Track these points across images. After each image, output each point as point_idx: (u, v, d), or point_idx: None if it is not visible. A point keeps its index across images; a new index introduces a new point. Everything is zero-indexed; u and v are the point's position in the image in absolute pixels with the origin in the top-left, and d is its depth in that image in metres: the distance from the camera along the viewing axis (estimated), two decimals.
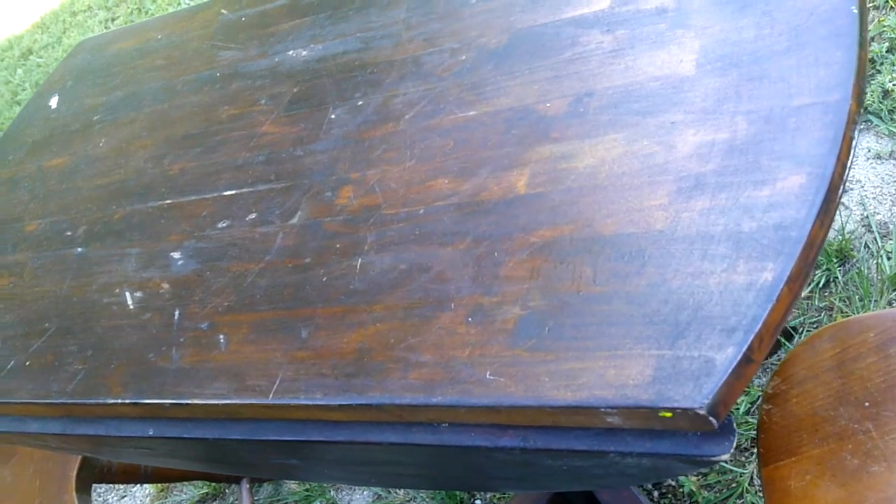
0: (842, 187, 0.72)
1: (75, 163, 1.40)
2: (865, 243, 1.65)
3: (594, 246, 0.78)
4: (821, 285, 1.64)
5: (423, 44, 1.13)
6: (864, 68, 0.79)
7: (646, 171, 0.81)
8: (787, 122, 0.76)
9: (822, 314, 1.60)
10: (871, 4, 2.11)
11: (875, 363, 0.96)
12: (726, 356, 0.65)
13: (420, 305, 0.83)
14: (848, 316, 1.54)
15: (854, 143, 0.74)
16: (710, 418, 0.64)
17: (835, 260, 1.64)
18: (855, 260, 1.63)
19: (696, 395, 0.64)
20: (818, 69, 0.79)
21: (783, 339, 1.57)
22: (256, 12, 1.45)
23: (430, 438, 0.78)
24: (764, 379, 1.58)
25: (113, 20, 4.48)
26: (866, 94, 1.90)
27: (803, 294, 1.63)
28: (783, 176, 0.73)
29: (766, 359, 1.57)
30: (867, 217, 1.68)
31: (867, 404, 0.93)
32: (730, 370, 0.64)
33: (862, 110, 0.77)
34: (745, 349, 0.65)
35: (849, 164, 0.73)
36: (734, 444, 0.67)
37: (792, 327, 1.60)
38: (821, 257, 1.65)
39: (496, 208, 0.87)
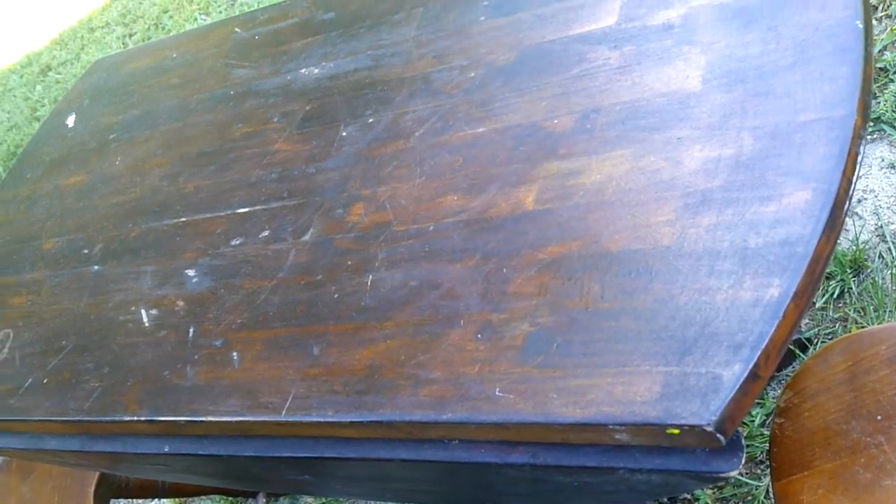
0: (848, 203, 0.72)
1: (92, 181, 1.42)
2: (880, 253, 1.65)
3: (602, 262, 0.79)
4: (835, 296, 1.63)
5: (433, 61, 1.14)
6: (870, 83, 0.79)
7: (653, 188, 0.81)
8: (792, 137, 0.77)
9: (837, 325, 1.60)
10: (884, 13, 2.11)
11: (887, 376, 0.96)
12: (733, 373, 0.65)
13: (430, 322, 0.84)
14: (863, 327, 1.53)
15: (860, 158, 0.74)
16: (718, 435, 0.64)
17: (849, 270, 1.63)
18: (869, 270, 1.63)
19: (704, 412, 0.65)
20: (823, 84, 0.79)
21: (798, 351, 1.57)
22: (270, 30, 1.46)
23: (441, 455, 0.79)
24: (780, 391, 1.57)
25: (130, 36, 4.53)
26: (880, 103, 1.89)
27: (818, 305, 1.63)
28: (789, 192, 0.73)
29: (780, 370, 1.57)
30: (881, 227, 1.67)
31: (879, 417, 0.93)
32: (737, 387, 0.65)
33: (868, 125, 0.77)
34: (751, 366, 0.65)
35: (854, 180, 0.73)
36: (743, 461, 0.67)
37: (806, 338, 1.59)
38: (835, 268, 1.65)
39: (505, 224, 0.88)
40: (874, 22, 2.06)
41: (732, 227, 0.74)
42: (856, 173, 0.73)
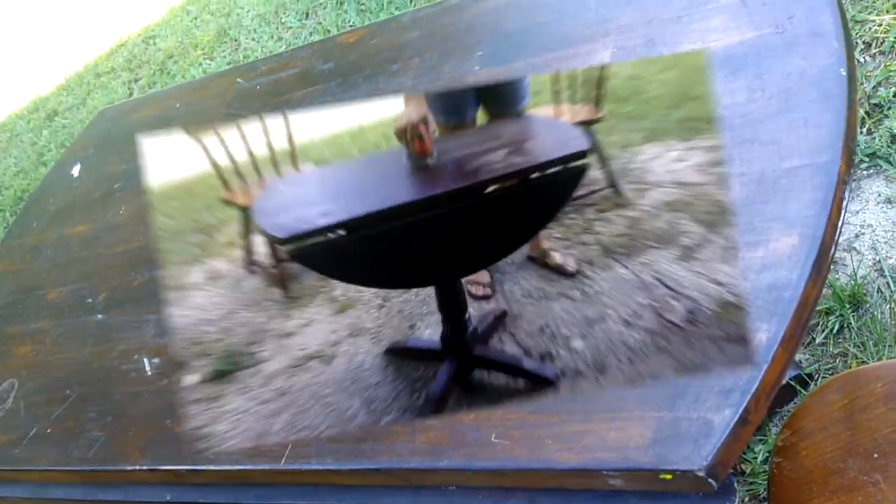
0: (834, 247, 0.74)
1: (96, 230, 1.44)
2: (878, 288, 1.65)
3: None
4: (835, 331, 1.63)
5: None
6: (854, 130, 0.81)
7: None
8: (778, 183, 0.78)
9: (837, 360, 1.60)
10: (877, 49, 2.13)
11: (883, 414, 0.96)
12: (724, 418, 0.66)
13: None
14: (863, 362, 1.54)
15: (845, 203, 0.76)
16: (710, 480, 0.65)
17: (848, 306, 1.64)
18: (868, 305, 1.63)
19: (696, 457, 0.65)
20: (808, 131, 0.81)
21: (798, 387, 1.57)
22: (271, 80, 1.49)
23: (439, 501, 0.79)
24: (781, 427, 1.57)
25: (136, 81, 4.59)
26: (875, 138, 1.91)
27: (818, 341, 1.63)
28: (775, 237, 0.75)
29: (782, 407, 1.57)
30: (879, 261, 1.68)
31: (876, 455, 0.93)
32: (727, 431, 0.66)
33: (853, 171, 0.79)
34: (741, 410, 0.66)
35: (840, 225, 0.74)
36: None
37: (807, 374, 1.60)
38: (834, 303, 1.65)
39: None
40: (868, 58, 2.09)
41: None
42: (841, 218, 0.75)
